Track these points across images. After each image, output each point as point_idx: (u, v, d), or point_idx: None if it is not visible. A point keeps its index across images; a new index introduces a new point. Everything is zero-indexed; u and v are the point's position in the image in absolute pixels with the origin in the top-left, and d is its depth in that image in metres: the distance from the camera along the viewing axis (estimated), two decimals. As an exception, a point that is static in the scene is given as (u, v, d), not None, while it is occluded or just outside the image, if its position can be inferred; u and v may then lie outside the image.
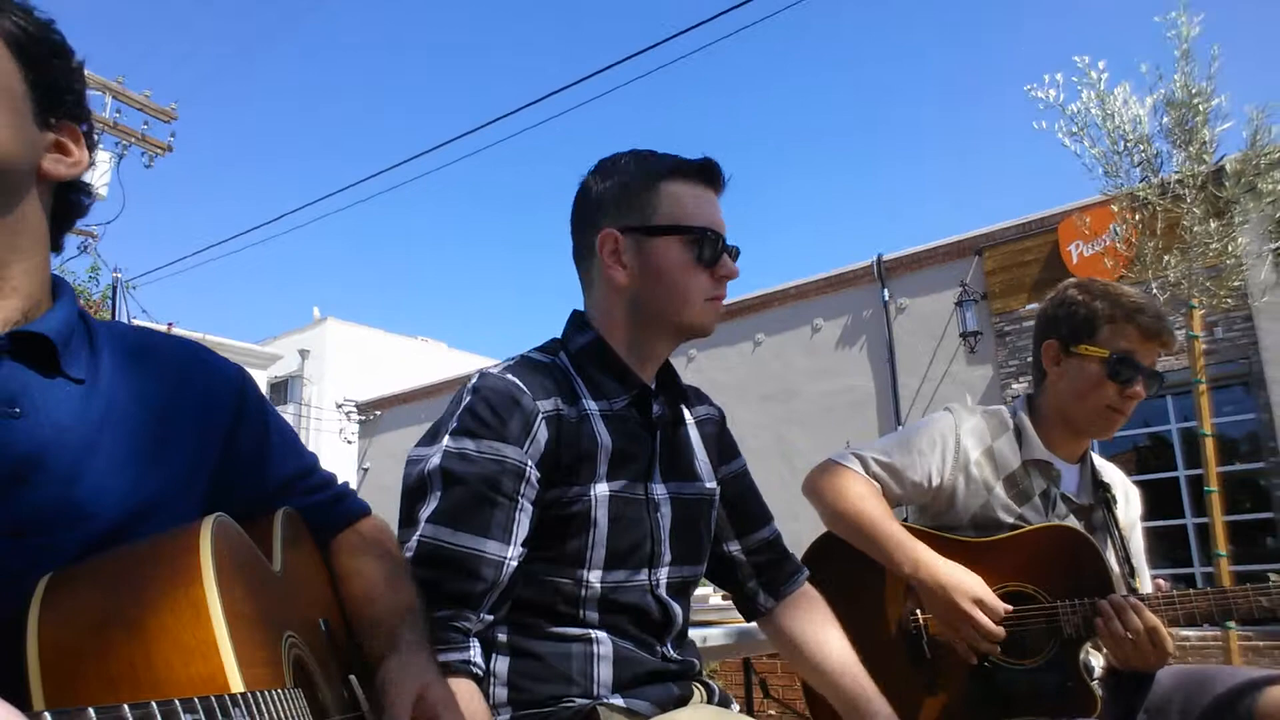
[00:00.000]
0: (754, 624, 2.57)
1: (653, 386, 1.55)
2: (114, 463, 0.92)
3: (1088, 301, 1.99)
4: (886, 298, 12.96)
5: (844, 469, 2.01)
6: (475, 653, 1.25)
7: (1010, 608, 1.83)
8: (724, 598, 3.71)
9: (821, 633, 1.64)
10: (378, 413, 20.08)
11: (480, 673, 1.25)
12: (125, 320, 6.01)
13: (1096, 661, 2.02)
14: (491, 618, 1.30)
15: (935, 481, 1.99)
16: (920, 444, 2.02)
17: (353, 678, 1.02)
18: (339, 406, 21.27)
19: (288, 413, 25.67)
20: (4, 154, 0.89)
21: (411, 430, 18.76)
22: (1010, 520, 1.96)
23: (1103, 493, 2.05)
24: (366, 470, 19.84)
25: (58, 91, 0.98)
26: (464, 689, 1.21)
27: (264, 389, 22.16)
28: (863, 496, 1.94)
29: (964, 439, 2.01)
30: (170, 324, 14.03)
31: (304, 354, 27.22)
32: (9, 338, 0.88)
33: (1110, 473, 2.14)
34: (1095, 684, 1.95)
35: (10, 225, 0.92)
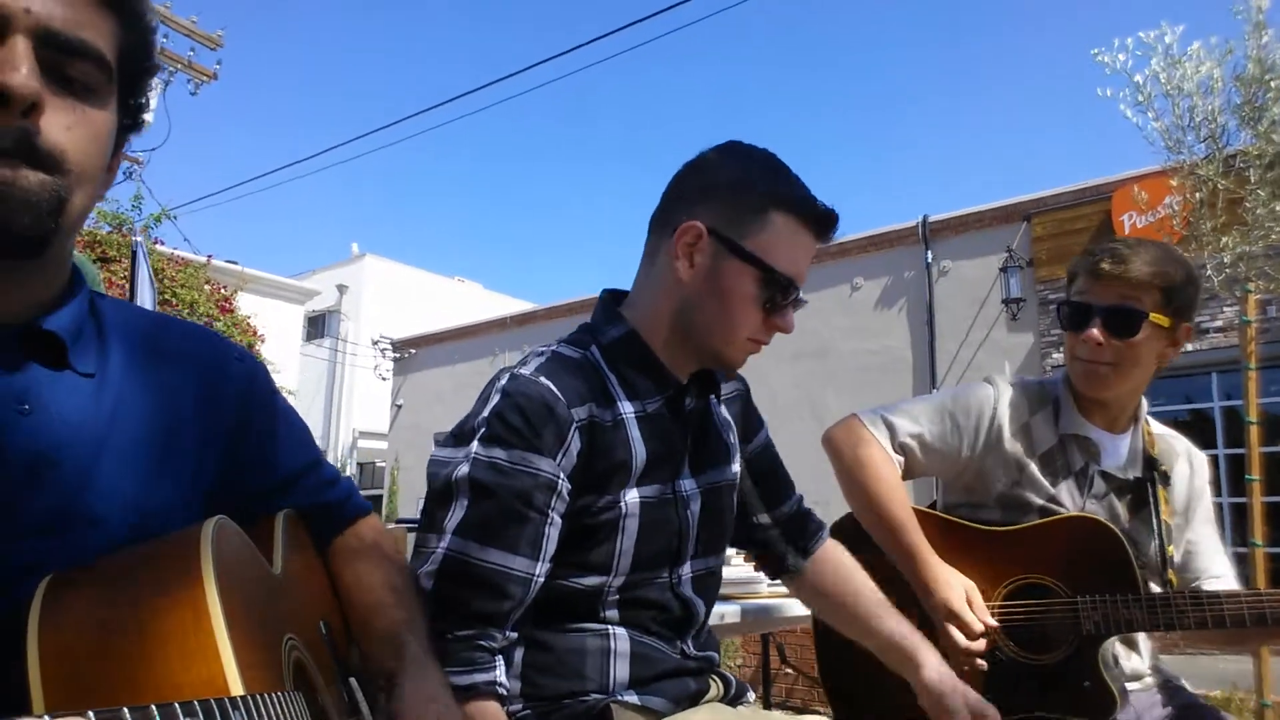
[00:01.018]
0: (769, 602, 2.58)
1: (685, 381, 1.48)
2: (124, 463, 0.90)
3: (1070, 266, 1.96)
4: (930, 260, 12.78)
5: (870, 437, 1.94)
6: (500, 672, 1.23)
7: (994, 624, 1.78)
8: (749, 560, 3.69)
9: (851, 583, 1.67)
10: (413, 351, 20.28)
11: (505, 693, 1.23)
12: (148, 272, 5.95)
13: (1132, 659, 1.93)
14: (515, 634, 1.28)
15: (965, 454, 1.93)
16: (955, 414, 1.95)
17: (353, 680, 1.02)
18: (375, 343, 21.50)
19: (324, 347, 26.06)
20: (82, 215, 0.87)
21: (445, 370, 18.95)
22: (1040, 501, 1.89)
23: (1152, 470, 1.93)
24: (400, 407, 20.11)
25: (139, 110, 0.95)
26: (489, 712, 1.19)
27: (301, 324, 22.55)
28: (879, 478, 1.89)
29: (1000, 413, 1.94)
30: (210, 256, 14.17)
31: (341, 289, 27.52)
32: (16, 332, 0.86)
33: (1170, 441, 2.03)
34: (1119, 671, 1.88)
35: (67, 248, 0.91)
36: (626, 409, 1.38)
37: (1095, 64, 4.32)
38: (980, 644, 1.76)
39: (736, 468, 1.58)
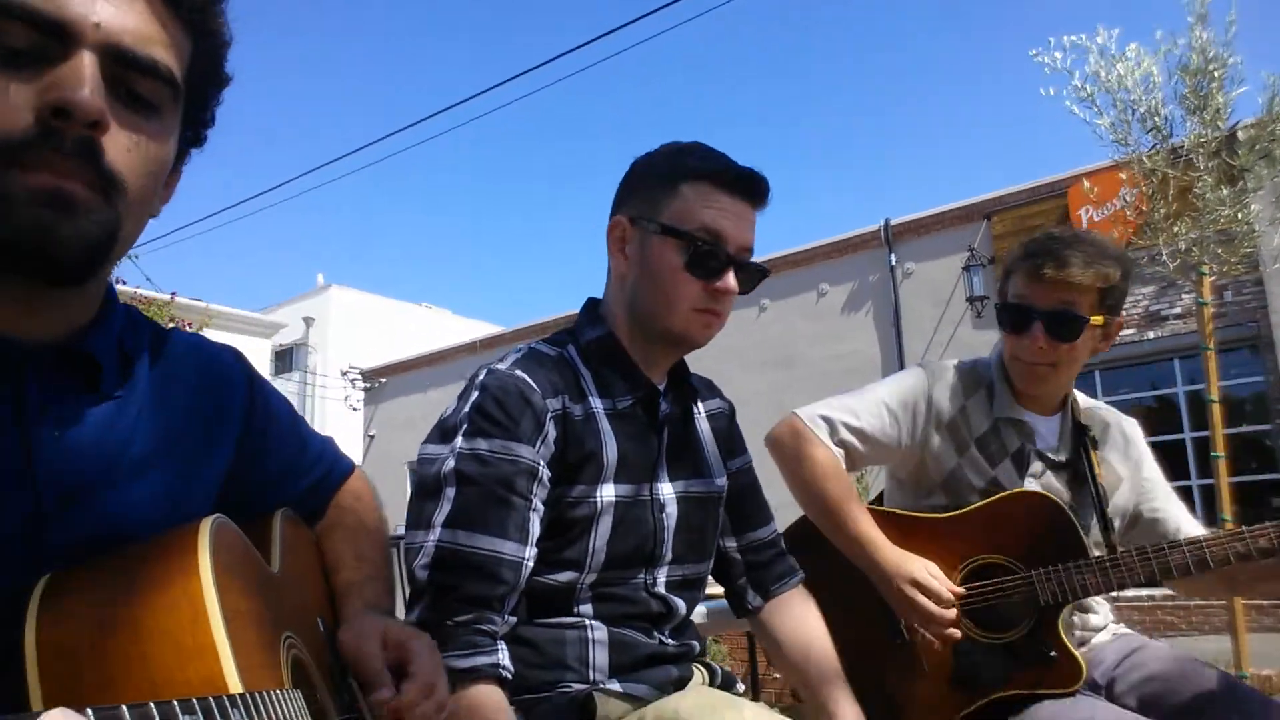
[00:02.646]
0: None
1: (663, 385, 1.52)
2: (150, 485, 0.91)
3: (1007, 260, 1.98)
4: (893, 262, 12.91)
5: (811, 436, 1.92)
6: (503, 655, 1.24)
7: (961, 591, 1.79)
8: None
9: (804, 632, 1.61)
10: (383, 380, 20.12)
11: (509, 675, 1.24)
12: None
13: (1090, 619, 1.97)
14: (515, 620, 1.29)
15: (905, 443, 1.94)
16: (891, 404, 1.95)
17: (351, 679, 1.02)
18: (344, 374, 21.31)
19: (292, 380, 25.80)
20: (131, 240, 0.86)
21: (417, 398, 18.81)
22: (981, 484, 1.91)
23: (1082, 436, 1.96)
24: (372, 438, 19.93)
25: (203, 125, 0.95)
26: (491, 696, 1.20)
27: (268, 357, 22.17)
28: (826, 475, 1.88)
29: (936, 398, 1.96)
30: (174, 294, 14.01)
31: (308, 321, 27.27)
32: (56, 352, 0.85)
33: (1101, 414, 2.07)
34: (1080, 630, 1.92)
35: (109, 270, 0.90)
36: (597, 404, 1.42)
37: (1038, 63, 4.43)
38: (952, 612, 1.76)
39: (721, 482, 1.59)
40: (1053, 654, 1.76)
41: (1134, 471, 2.03)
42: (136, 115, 0.81)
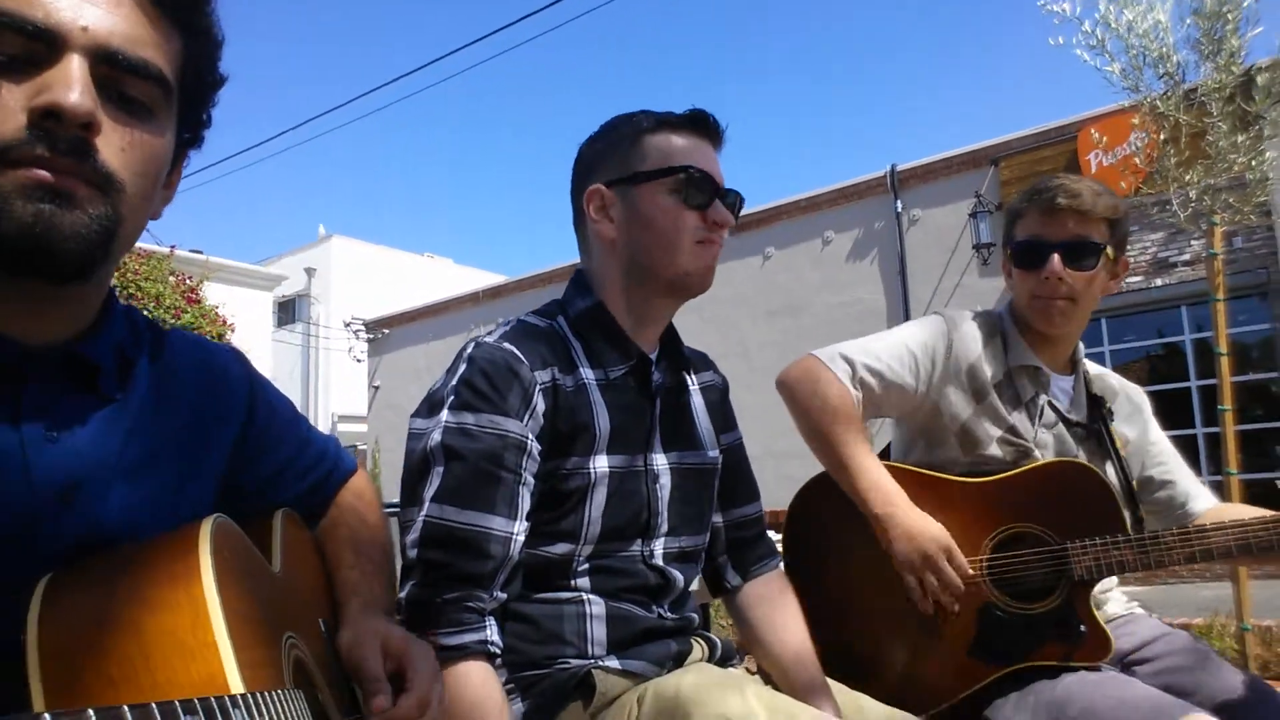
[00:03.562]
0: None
1: (654, 354, 1.52)
2: (145, 487, 0.91)
3: (1011, 206, 1.97)
4: (899, 209, 12.79)
5: (828, 375, 1.85)
6: (492, 632, 1.24)
7: (971, 574, 1.75)
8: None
9: (780, 619, 1.60)
10: (386, 331, 20.14)
11: (498, 651, 1.25)
12: None
13: (1114, 605, 1.97)
14: (505, 595, 1.29)
15: (922, 390, 1.89)
16: (913, 347, 1.90)
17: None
18: (347, 325, 21.32)
19: (295, 332, 25.83)
20: (131, 240, 0.86)
21: (421, 348, 18.85)
22: (999, 432, 1.87)
23: (1098, 408, 1.95)
24: (377, 389, 20.02)
25: (200, 125, 0.95)
26: (478, 673, 1.20)
27: (271, 310, 22.14)
28: (838, 417, 1.81)
29: (956, 344, 1.91)
30: (173, 246, 13.94)
31: (310, 272, 27.24)
32: (56, 355, 0.85)
33: (1109, 380, 2.06)
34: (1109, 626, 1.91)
35: (110, 270, 0.90)
36: (588, 374, 1.42)
37: (1047, 12, 4.31)
38: (959, 594, 1.73)
39: (714, 454, 1.59)
40: (1082, 629, 1.73)
41: (1141, 436, 2.03)
42: (129, 116, 0.82)
